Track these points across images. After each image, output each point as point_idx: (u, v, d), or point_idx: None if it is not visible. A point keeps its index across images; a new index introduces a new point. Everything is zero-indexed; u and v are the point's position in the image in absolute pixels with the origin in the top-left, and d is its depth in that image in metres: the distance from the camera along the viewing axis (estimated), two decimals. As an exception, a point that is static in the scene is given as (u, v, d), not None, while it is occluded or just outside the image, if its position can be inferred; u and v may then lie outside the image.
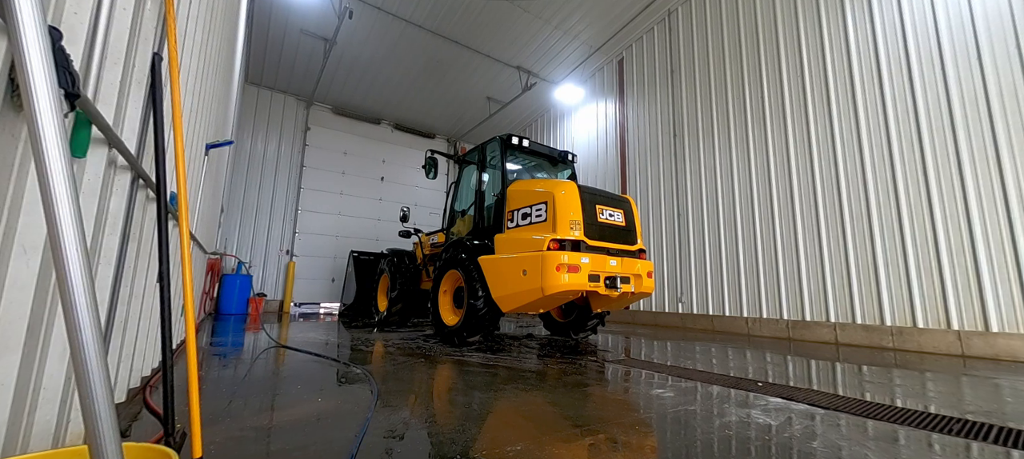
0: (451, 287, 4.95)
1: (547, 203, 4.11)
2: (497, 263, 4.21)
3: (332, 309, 11.30)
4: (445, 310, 4.90)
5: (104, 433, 0.82)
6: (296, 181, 11.34)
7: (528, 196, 4.34)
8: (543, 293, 3.75)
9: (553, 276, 3.72)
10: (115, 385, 1.93)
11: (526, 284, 3.85)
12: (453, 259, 4.71)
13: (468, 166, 5.71)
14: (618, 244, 4.38)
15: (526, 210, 4.32)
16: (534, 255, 3.86)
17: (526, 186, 4.49)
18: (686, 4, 8.35)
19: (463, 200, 5.75)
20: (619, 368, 3.52)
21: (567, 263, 3.78)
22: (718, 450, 1.72)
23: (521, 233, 4.28)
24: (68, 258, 0.80)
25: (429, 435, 1.83)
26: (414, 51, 9.87)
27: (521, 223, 4.34)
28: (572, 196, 4.14)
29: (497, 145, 5.10)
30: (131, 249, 1.86)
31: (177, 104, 1.73)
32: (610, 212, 4.44)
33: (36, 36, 0.79)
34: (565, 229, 3.98)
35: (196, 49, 2.96)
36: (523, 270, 3.89)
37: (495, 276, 4.16)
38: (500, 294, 4.11)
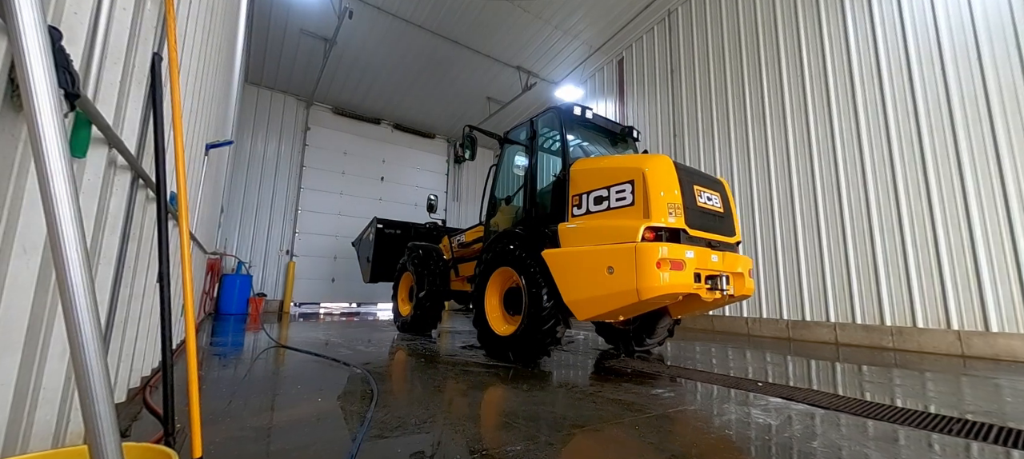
0: (500, 289, 4.07)
1: (634, 182, 3.25)
2: (569, 259, 3.39)
3: (332, 309, 11.30)
4: (494, 317, 3.99)
5: (104, 433, 0.82)
6: (296, 181, 11.34)
7: (603, 175, 3.48)
8: (638, 297, 2.93)
9: (652, 275, 2.91)
10: (115, 385, 1.93)
11: (614, 285, 3.05)
12: (504, 254, 3.84)
13: (511, 146, 4.85)
14: (718, 235, 3.52)
15: (601, 192, 3.44)
16: (623, 248, 3.06)
17: (598, 164, 3.64)
18: (686, 4, 8.35)
19: (506, 186, 4.89)
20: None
21: (669, 258, 2.96)
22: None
23: (596, 221, 3.41)
24: (68, 258, 0.80)
25: (428, 435, 1.83)
26: (414, 51, 9.86)
27: (594, 209, 3.46)
28: (667, 172, 3.29)
29: (555, 117, 4.19)
30: (131, 249, 1.86)
31: (177, 104, 1.73)
32: (707, 195, 3.55)
33: (36, 36, 0.79)
34: (661, 214, 3.13)
35: (196, 49, 2.96)
36: (608, 267, 3.10)
37: (567, 275, 3.35)
38: (575, 297, 3.28)
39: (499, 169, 4.92)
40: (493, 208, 4.84)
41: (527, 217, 4.07)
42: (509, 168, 4.96)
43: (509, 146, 4.84)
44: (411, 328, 5.71)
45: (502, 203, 4.74)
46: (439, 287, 5.63)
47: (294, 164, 11.35)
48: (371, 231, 7.37)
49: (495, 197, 4.86)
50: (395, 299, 6.36)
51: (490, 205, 4.89)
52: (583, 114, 4.28)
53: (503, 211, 4.72)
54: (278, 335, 5.45)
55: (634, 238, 3.09)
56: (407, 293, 6.29)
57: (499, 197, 4.81)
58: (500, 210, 4.76)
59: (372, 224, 7.35)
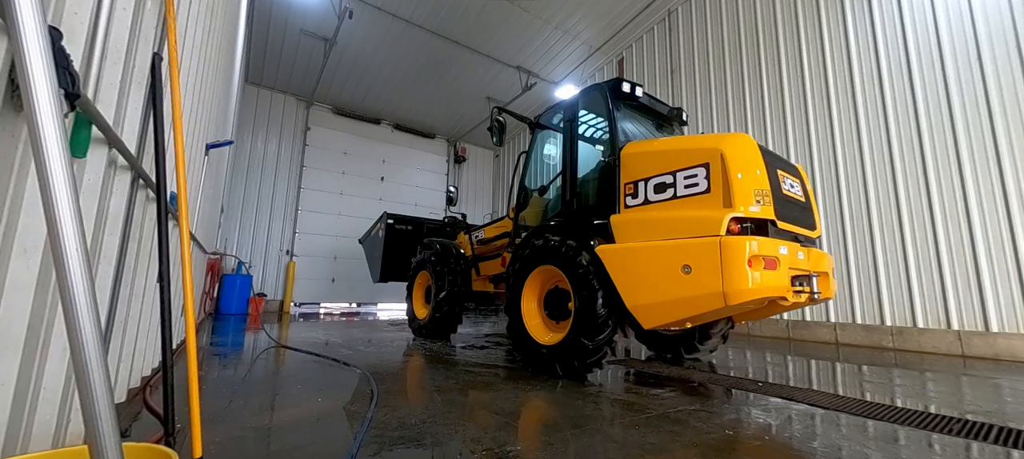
0: (539, 291, 3.57)
1: (709, 165, 2.75)
2: (631, 256, 2.88)
3: (332, 309, 11.30)
4: (534, 324, 3.47)
5: (104, 433, 0.82)
6: (296, 181, 11.33)
7: (667, 158, 2.99)
8: (725, 302, 2.46)
9: (741, 276, 2.43)
10: (115, 385, 1.93)
11: (691, 287, 2.57)
12: (547, 251, 3.32)
13: (542, 132, 4.34)
14: (802, 228, 3.04)
15: (664, 179, 2.94)
16: (703, 244, 2.58)
17: (659, 146, 3.16)
18: (686, 4, 8.35)
19: (538, 175, 4.37)
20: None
21: (761, 255, 2.50)
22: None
23: (660, 212, 2.92)
24: (68, 258, 0.80)
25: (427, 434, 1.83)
26: (414, 51, 9.86)
27: (655, 198, 2.96)
28: (751, 152, 2.80)
29: (600, 95, 3.65)
30: (131, 249, 1.86)
31: (177, 104, 1.73)
32: (790, 181, 3.08)
33: (36, 36, 0.79)
34: (746, 201, 2.64)
35: (196, 49, 2.96)
36: (683, 266, 2.62)
37: (629, 275, 2.85)
38: (640, 301, 2.78)
39: (529, 156, 4.39)
40: (523, 200, 4.31)
41: (567, 209, 3.61)
42: (541, 155, 4.46)
43: (539, 131, 4.32)
44: (429, 332, 5.15)
45: (534, 194, 4.26)
46: (461, 287, 5.03)
47: (294, 164, 11.35)
48: (380, 227, 6.86)
49: (525, 188, 4.33)
50: (410, 300, 5.76)
51: (520, 197, 4.35)
52: (632, 92, 3.66)
53: (535, 203, 4.27)
54: (278, 335, 5.45)
55: (716, 230, 2.57)
56: (423, 294, 5.69)
57: (531, 188, 4.31)
58: (531, 202, 4.29)
59: (382, 219, 6.87)
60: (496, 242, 5.03)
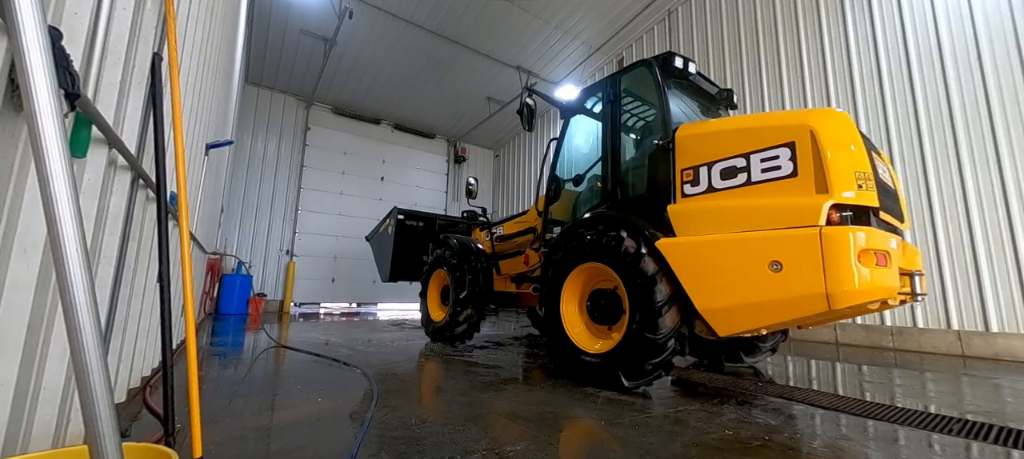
0: (579, 292, 3.20)
1: (794, 145, 2.36)
2: (702, 251, 2.50)
3: (332, 309, 11.30)
4: (577, 330, 3.10)
5: (104, 433, 0.82)
6: (296, 181, 11.33)
7: (737, 139, 2.60)
8: (829, 305, 2.10)
9: (848, 275, 2.06)
10: (115, 385, 1.93)
11: (784, 288, 2.21)
12: (592, 247, 2.93)
13: (576, 116, 3.99)
14: (894, 219, 2.63)
15: (734, 162, 2.55)
16: (797, 236, 2.20)
17: (726, 125, 2.75)
18: (686, 4, 8.35)
19: (572, 164, 3.98)
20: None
21: (872, 249, 2.13)
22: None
23: (729, 200, 2.55)
24: (68, 258, 0.80)
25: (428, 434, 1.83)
26: (414, 51, 9.86)
27: (721, 185, 2.59)
28: (848, 129, 2.43)
29: (648, 71, 3.26)
30: (131, 249, 1.86)
31: (177, 104, 1.73)
32: (882, 166, 2.66)
33: (36, 36, 0.79)
34: (846, 185, 2.25)
35: (196, 49, 2.96)
36: (771, 263, 2.24)
37: (700, 273, 2.49)
38: (716, 304, 2.42)
39: (561, 144, 4.01)
40: (555, 192, 3.91)
41: (608, 200, 3.28)
42: (574, 141, 4.08)
43: (573, 115, 3.98)
44: (447, 336, 4.70)
45: (567, 185, 3.91)
46: (482, 287, 4.63)
47: (294, 164, 11.34)
48: (390, 223, 6.41)
49: (557, 178, 3.92)
50: (424, 301, 5.30)
51: (550, 188, 3.94)
52: (685, 67, 3.29)
53: (567, 196, 3.96)
54: (278, 335, 5.45)
55: (814, 220, 2.18)
56: (439, 295, 5.25)
57: (563, 178, 3.93)
58: (564, 194, 3.95)
59: (392, 215, 6.43)
60: (517, 239, 4.76)
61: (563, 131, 4.01)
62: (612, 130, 3.41)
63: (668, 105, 3.09)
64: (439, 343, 4.84)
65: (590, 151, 3.91)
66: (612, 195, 3.28)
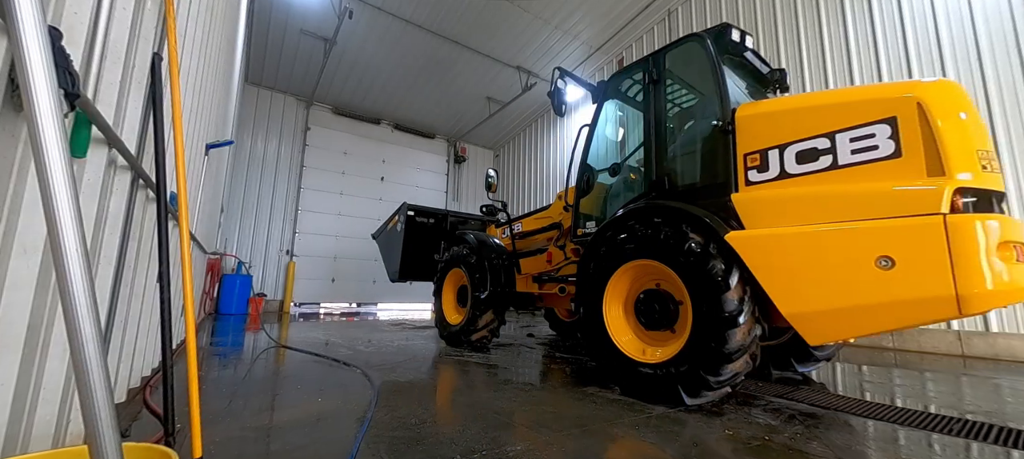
0: (625, 294, 2.87)
1: (896, 120, 2.06)
2: (789, 245, 2.17)
3: (332, 309, 11.29)
4: (625, 339, 2.75)
5: (104, 433, 0.82)
6: (296, 181, 11.33)
7: (816, 116, 2.28)
8: (960, 310, 1.78)
9: (984, 273, 1.77)
10: (115, 385, 1.93)
11: (899, 288, 1.88)
12: (649, 241, 2.59)
13: (611, 101, 3.68)
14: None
15: (813, 143, 2.24)
16: (913, 226, 1.89)
17: (799, 102, 2.45)
18: (686, 4, 8.35)
19: (606, 153, 3.70)
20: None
21: (1010, 240, 1.85)
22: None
23: (812, 186, 2.22)
24: (68, 258, 0.80)
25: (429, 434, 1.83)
26: (414, 51, 9.86)
27: (797, 170, 2.27)
28: (963, 101, 2.13)
29: (700, 47, 2.93)
30: (131, 249, 1.86)
31: (177, 104, 1.73)
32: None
33: (36, 36, 0.79)
34: (967, 166, 1.94)
35: (196, 49, 2.96)
36: (879, 258, 1.93)
37: (784, 271, 2.16)
38: (807, 307, 2.10)
39: (593, 131, 3.65)
40: (587, 183, 3.60)
41: (653, 190, 2.97)
42: (608, 126, 3.72)
43: (608, 99, 3.66)
44: (465, 341, 4.34)
45: (601, 175, 3.61)
46: (504, 287, 4.29)
47: (294, 164, 11.34)
48: (400, 220, 6.04)
49: (590, 168, 3.61)
50: (438, 301, 4.92)
51: (582, 179, 3.61)
52: (742, 41, 2.97)
53: (598, 187, 3.67)
54: (278, 335, 5.45)
55: (934, 206, 1.84)
56: (454, 295, 4.90)
57: (597, 167, 3.62)
58: (597, 186, 3.65)
59: (401, 211, 6.07)
60: (537, 236, 4.52)
61: (596, 117, 3.65)
62: (655, 113, 3.08)
63: (725, 83, 2.74)
64: (451, 346, 4.57)
65: (627, 138, 3.67)
66: (657, 185, 2.94)
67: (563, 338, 5.47)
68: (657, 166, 3.01)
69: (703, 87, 3.06)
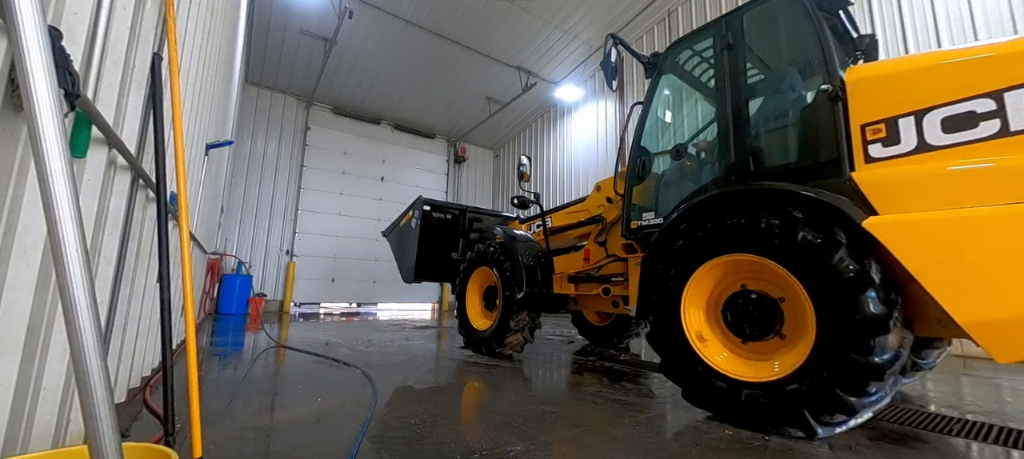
0: (710, 298, 2.42)
1: None
2: (970, 232, 1.72)
3: (332, 309, 11.29)
4: (720, 358, 2.28)
5: (104, 433, 0.82)
6: (296, 181, 11.33)
7: (970, 72, 1.89)
8: None
9: None
10: (115, 385, 1.93)
11: None
12: (748, 233, 2.17)
13: (667, 75, 3.25)
14: None
15: (969, 106, 1.85)
16: None
17: (940, 59, 2.02)
18: (686, 4, 8.35)
19: (662, 135, 3.33)
20: None
21: None
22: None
23: (974, 157, 1.82)
24: (68, 258, 0.80)
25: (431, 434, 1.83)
26: (414, 51, 9.86)
27: (944, 139, 1.89)
28: None
29: (796, 2, 2.53)
30: (131, 249, 1.86)
31: (177, 104, 1.73)
32: None
33: (36, 36, 0.79)
34: None
35: (196, 49, 2.96)
36: None
37: (960, 268, 1.71)
38: (997, 313, 1.65)
39: (648, 108, 3.21)
40: (642, 168, 3.15)
41: (734, 172, 2.51)
42: (669, 103, 3.33)
43: (664, 75, 3.22)
44: (495, 349, 3.90)
45: (661, 159, 3.19)
46: (541, 288, 3.87)
47: (294, 164, 11.34)
48: (414, 216, 5.54)
49: (645, 151, 3.18)
50: (462, 306, 4.47)
51: (636, 163, 3.16)
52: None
53: (652, 176, 3.20)
54: (278, 335, 5.45)
55: None
56: (480, 297, 4.45)
57: (653, 150, 3.22)
58: (649, 173, 3.18)
59: (416, 206, 5.57)
60: (571, 231, 4.19)
61: (651, 93, 3.21)
62: (732, 83, 2.66)
63: (828, 41, 2.34)
64: (477, 353, 4.12)
65: (690, 116, 3.26)
66: (738, 167, 2.51)
67: (594, 343, 5.14)
68: (737, 145, 2.54)
69: (795, 50, 2.66)
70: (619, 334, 4.92)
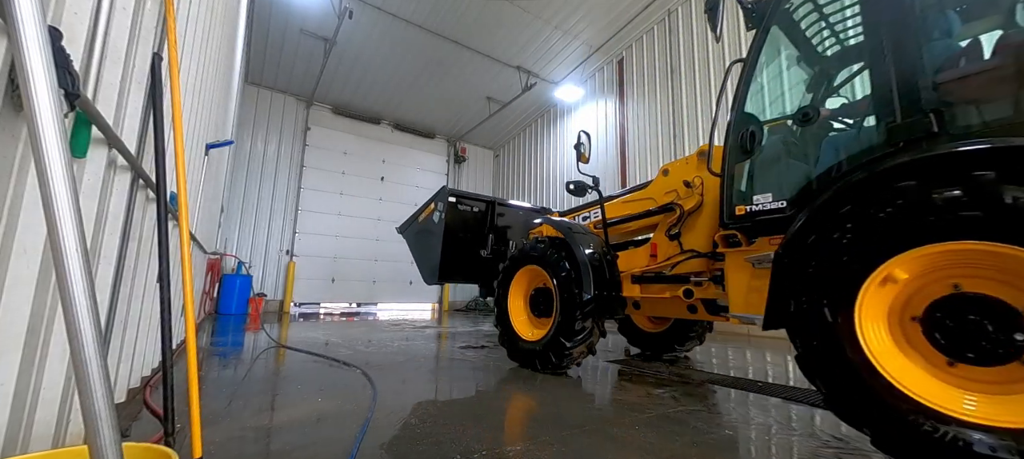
0: (892, 302, 1.77)
1: None
2: None
3: (332, 309, 11.29)
4: (928, 388, 1.63)
5: (104, 433, 0.82)
6: (296, 181, 11.34)
7: None
8: None
9: None
10: (115, 385, 1.93)
11: None
12: (966, 209, 1.51)
13: (803, 14, 2.69)
14: None
15: None
16: None
17: None
18: (686, 4, 8.35)
19: (773, 96, 2.78)
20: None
21: None
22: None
23: None
24: (68, 258, 0.80)
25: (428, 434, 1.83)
26: (414, 51, 9.87)
27: None
28: None
29: None
30: (131, 249, 1.86)
31: (177, 104, 1.73)
32: None
33: (36, 36, 0.79)
34: None
35: (196, 49, 2.96)
36: None
37: None
38: None
39: (753, 67, 2.59)
40: (749, 140, 2.48)
41: (902, 137, 1.89)
42: (781, 58, 2.78)
43: (782, 20, 2.64)
44: (553, 361, 3.25)
45: (774, 128, 2.61)
46: (611, 291, 3.30)
47: (294, 164, 11.35)
48: (438, 208, 4.91)
49: (752, 119, 2.54)
50: (502, 312, 3.77)
51: (741, 136, 2.51)
52: None
53: (770, 148, 2.51)
54: (278, 335, 5.45)
55: None
56: (525, 301, 3.78)
57: (764, 117, 2.61)
58: (764, 145, 2.51)
59: (440, 197, 4.92)
60: (630, 224, 3.72)
61: (757, 47, 2.60)
62: (891, 21, 2.03)
63: None
64: (526, 368, 3.50)
65: (816, 71, 2.69)
66: (912, 128, 1.89)
67: (644, 350, 4.46)
68: (904, 102, 1.93)
69: None
70: (678, 340, 4.21)
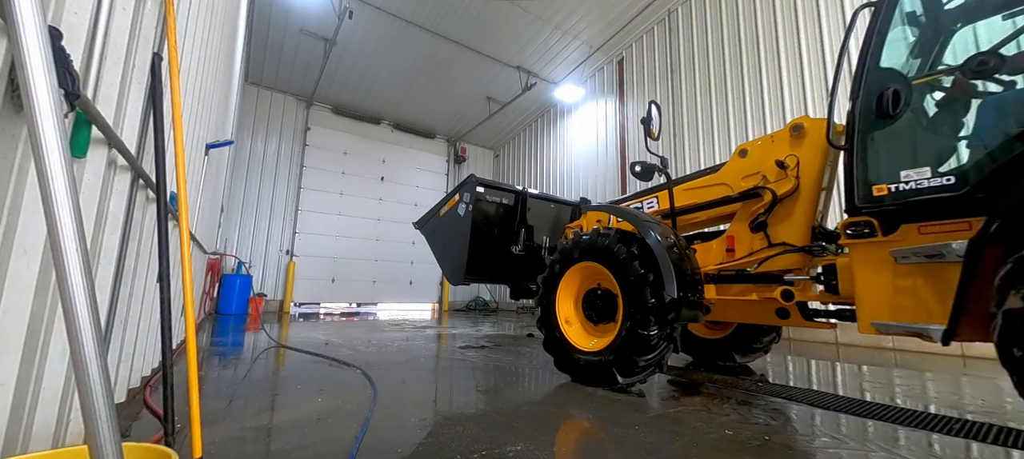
0: None
1: None
2: None
3: (332, 309, 11.29)
4: None
5: (104, 433, 0.82)
6: (296, 181, 11.34)
7: None
8: None
9: None
10: (115, 385, 1.93)
11: None
12: None
13: None
14: None
15: None
16: None
17: None
18: (686, 4, 8.35)
19: (918, 48, 2.29)
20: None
21: None
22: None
23: None
24: (68, 258, 0.80)
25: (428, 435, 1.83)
26: (414, 51, 9.87)
27: None
28: None
29: None
30: (131, 249, 1.86)
31: (177, 104, 1.73)
32: None
33: (36, 36, 0.79)
34: None
35: (196, 49, 2.96)
36: None
37: None
38: None
39: (890, 14, 2.18)
40: (894, 100, 2.02)
41: None
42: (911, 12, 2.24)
43: None
44: (621, 380, 2.66)
45: (923, 85, 2.09)
46: (692, 294, 2.66)
47: (294, 164, 11.35)
48: (464, 199, 4.39)
49: (895, 75, 2.11)
50: (548, 316, 3.20)
51: (879, 98, 2.07)
52: None
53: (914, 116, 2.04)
54: (278, 335, 5.45)
55: None
56: (577, 306, 3.23)
57: (911, 75, 2.15)
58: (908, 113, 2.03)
59: (467, 187, 4.39)
60: (699, 214, 3.28)
61: (882, 13, 2.15)
62: None
63: None
64: (586, 384, 2.86)
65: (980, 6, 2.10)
66: None
67: (698, 359, 3.87)
68: None
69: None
70: (739, 349, 3.60)
